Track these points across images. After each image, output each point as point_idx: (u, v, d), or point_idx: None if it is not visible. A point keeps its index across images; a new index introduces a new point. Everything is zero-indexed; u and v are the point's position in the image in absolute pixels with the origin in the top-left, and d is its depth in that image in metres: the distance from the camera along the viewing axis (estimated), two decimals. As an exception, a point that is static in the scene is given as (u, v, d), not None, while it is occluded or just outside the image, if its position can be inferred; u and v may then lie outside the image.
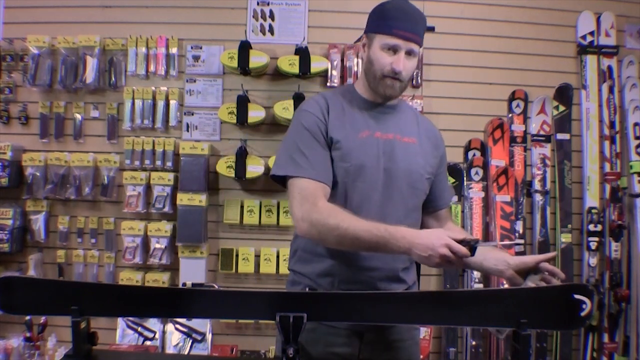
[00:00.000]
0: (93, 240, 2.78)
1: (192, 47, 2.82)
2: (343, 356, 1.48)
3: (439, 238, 1.31)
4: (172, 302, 1.20)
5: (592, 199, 2.84)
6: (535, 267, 1.40)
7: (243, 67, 2.67)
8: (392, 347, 1.53)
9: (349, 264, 1.47)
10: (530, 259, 1.43)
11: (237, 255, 2.77)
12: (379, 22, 1.49)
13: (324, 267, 1.50)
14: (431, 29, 2.85)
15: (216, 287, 2.63)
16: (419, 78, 2.81)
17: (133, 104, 2.77)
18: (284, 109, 2.67)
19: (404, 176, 1.51)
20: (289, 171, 1.47)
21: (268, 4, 2.84)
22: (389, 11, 1.48)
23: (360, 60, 2.73)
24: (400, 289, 1.53)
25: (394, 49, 1.46)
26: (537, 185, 2.85)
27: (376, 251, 1.39)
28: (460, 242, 1.31)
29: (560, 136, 2.87)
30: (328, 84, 2.78)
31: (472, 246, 1.31)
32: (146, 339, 2.63)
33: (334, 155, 1.48)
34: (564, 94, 2.88)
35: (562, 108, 2.88)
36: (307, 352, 1.42)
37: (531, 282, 1.38)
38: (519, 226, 2.81)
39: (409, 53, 1.47)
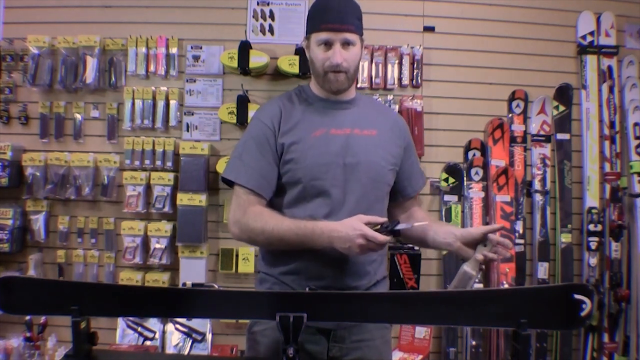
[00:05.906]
0: (93, 240, 2.77)
1: (192, 47, 2.82)
2: (312, 354, 1.48)
3: (354, 229, 1.33)
4: (172, 302, 1.20)
5: (592, 199, 2.84)
6: (482, 239, 1.41)
7: (243, 67, 2.67)
8: (361, 345, 1.53)
9: (314, 261, 1.47)
10: (475, 230, 1.45)
11: (237, 255, 2.76)
12: (310, 22, 1.55)
13: (289, 267, 1.51)
14: (431, 29, 2.86)
15: (216, 287, 2.64)
16: (419, 78, 2.81)
17: (133, 104, 2.76)
18: (284, 109, 2.67)
19: (365, 169, 1.52)
20: (230, 176, 1.54)
21: (268, 4, 2.84)
22: (317, 9, 1.54)
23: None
24: (368, 283, 1.53)
25: (327, 44, 1.50)
26: (537, 185, 2.85)
27: (305, 247, 1.42)
28: (381, 225, 1.33)
29: (560, 136, 2.87)
30: (328, 84, 2.78)
31: (392, 229, 1.33)
32: (146, 339, 2.63)
33: (287, 159, 1.51)
34: (564, 94, 2.88)
35: (562, 108, 2.88)
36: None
37: (480, 254, 1.40)
38: (519, 226, 2.80)
39: (346, 43, 1.49)
